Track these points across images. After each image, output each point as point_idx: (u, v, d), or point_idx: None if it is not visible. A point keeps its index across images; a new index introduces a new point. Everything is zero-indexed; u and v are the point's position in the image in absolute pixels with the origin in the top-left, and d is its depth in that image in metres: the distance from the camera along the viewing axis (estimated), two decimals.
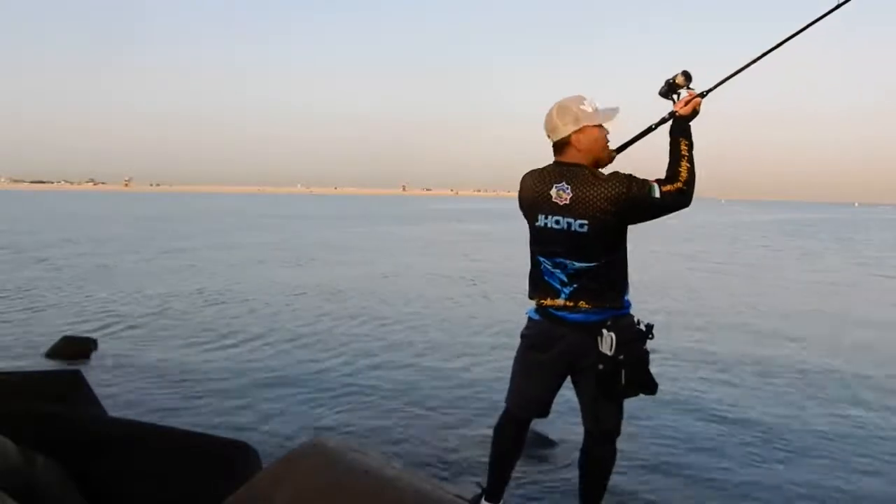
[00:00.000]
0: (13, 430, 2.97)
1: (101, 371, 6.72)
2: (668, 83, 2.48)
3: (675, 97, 2.49)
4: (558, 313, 2.43)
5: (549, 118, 2.41)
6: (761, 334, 9.33)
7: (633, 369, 2.33)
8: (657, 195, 2.30)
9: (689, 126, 2.42)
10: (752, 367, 7.41)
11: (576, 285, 2.38)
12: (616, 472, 2.67)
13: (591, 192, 2.29)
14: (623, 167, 2.44)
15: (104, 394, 5.33)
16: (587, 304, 2.37)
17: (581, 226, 2.30)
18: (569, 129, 2.36)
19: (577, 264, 2.36)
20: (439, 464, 4.58)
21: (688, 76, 2.46)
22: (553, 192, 2.34)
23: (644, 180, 2.32)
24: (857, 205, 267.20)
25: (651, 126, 2.52)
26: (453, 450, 4.86)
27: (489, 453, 2.71)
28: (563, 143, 2.38)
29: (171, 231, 30.99)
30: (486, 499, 2.68)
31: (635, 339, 2.35)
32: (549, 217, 2.35)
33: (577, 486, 2.71)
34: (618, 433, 2.57)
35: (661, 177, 2.36)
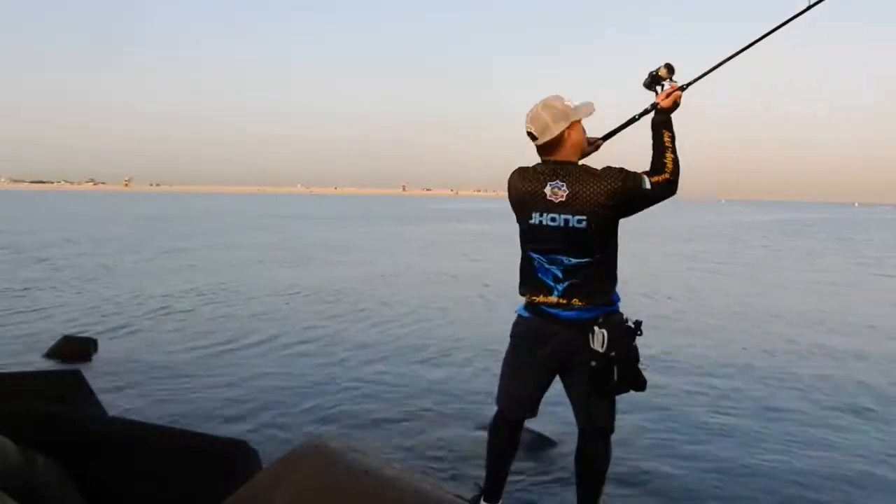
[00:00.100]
0: (13, 430, 2.97)
1: (101, 371, 6.72)
2: (651, 75, 2.53)
3: (659, 88, 2.54)
4: (551, 310, 2.45)
5: (537, 119, 2.41)
6: (759, 334, 9.35)
7: (624, 366, 2.37)
8: (648, 186, 2.36)
9: (671, 118, 2.48)
10: (750, 367, 7.41)
11: (569, 282, 2.41)
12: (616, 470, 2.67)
13: (588, 188, 2.33)
14: (601, 157, 2.52)
15: (104, 394, 5.33)
16: (580, 301, 2.41)
17: (580, 221, 2.34)
18: (560, 126, 2.39)
19: (573, 260, 2.39)
20: (439, 464, 4.58)
21: (670, 68, 2.51)
22: (548, 189, 2.37)
23: (635, 173, 2.38)
24: (857, 205, 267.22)
25: (634, 116, 2.58)
26: (453, 450, 4.85)
27: (485, 454, 2.73)
28: (555, 141, 2.40)
29: (172, 231, 30.99)
30: (484, 499, 2.70)
31: (626, 335, 2.39)
32: (545, 214, 2.38)
33: (575, 485, 2.71)
34: (612, 430, 2.59)
35: (646, 168, 2.42)
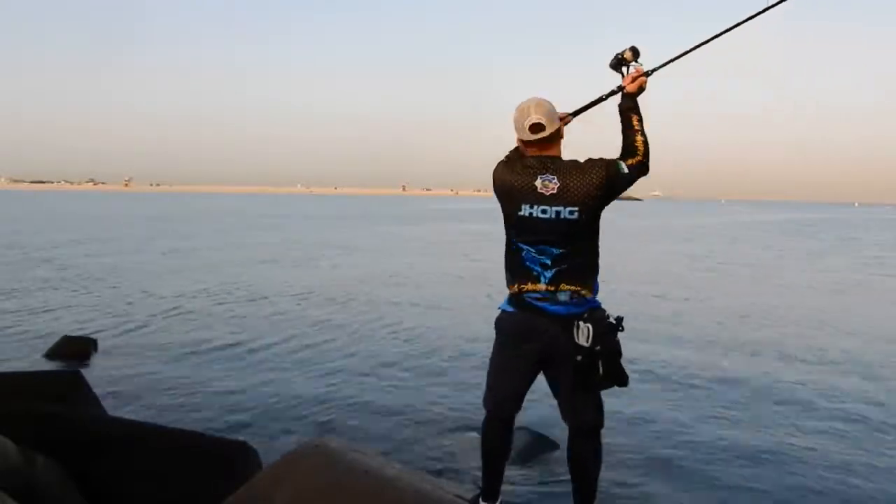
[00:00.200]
0: (13, 430, 2.97)
1: (101, 371, 6.73)
2: (617, 57, 2.60)
3: (624, 70, 2.60)
4: (538, 304, 2.48)
5: (546, 112, 2.47)
6: (757, 334, 9.35)
7: (608, 360, 2.41)
8: (626, 171, 2.47)
9: (637, 101, 2.57)
10: (745, 367, 7.41)
11: (557, 268, 2.46)
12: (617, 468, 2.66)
13: (577, 180, 2.42)
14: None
15: (104, 394, 5.33)
16: (568, 285, 2.45)
17: (571, 213, 2.42)
18: (555, 124, 2.50)
19: (562, 249, 2.46)
20: (439, 464, 4.58)
21: (635, 52, 2.58)
22: (538, 183, 2.44)
23: (613, 159, 2.48)
24: (857, 205, 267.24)
25: (602, 96, 2.64)
26: (453, 450, 4.86)
27: (480, 455, 2.73)
28: (551, 137, 2.49)
29: (172, 231, 31.01)
30: (483, 498, 2.70)
31: (609, 331, 2.42)
32: (535, 207, 2.44)
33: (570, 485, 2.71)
34: (601, 426, 2.60)
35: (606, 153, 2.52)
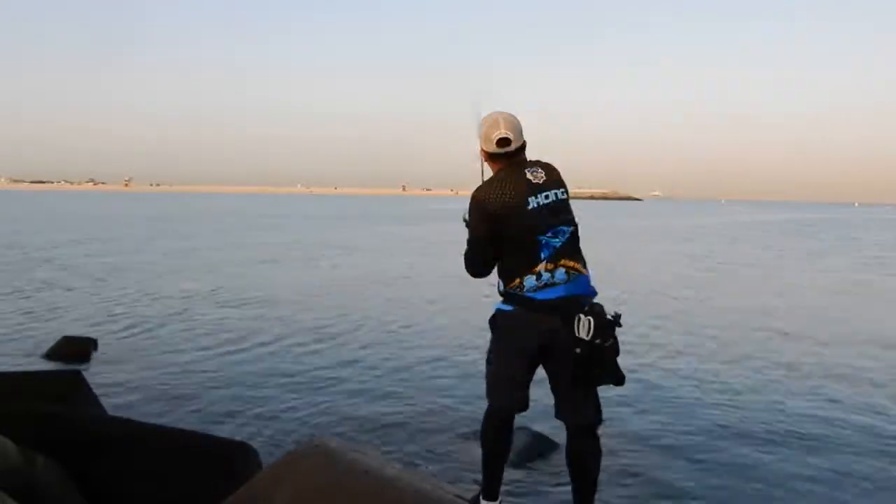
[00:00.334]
0: (13, 430, 2.97)
1: (101, 371, 6.73)
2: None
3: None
4: (536, 295, 2.52)
5: (514, 127, 2.63)
6: (757, 334, 9.36)
7: (608, 354, 2.43)
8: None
9: None
10: (745, 367, 7.42)
11: (560, 246, 2.58)
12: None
13: (554, 174, 2.67)
14: None
15: (104, 394, 5.33)
16: (568, 260, 2.56)
17: (563, 193, 2.65)
18: (520, 140, 2.66)
19: (571, 227, 2.64)
20: (439, 464, 4.58)
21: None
22: (529, 176, 2.62)
23: None
24: (857, 205, 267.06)
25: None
26: (453, 450, 4.86)
27: (480, 454, 2.73)
28: (521, 147, 2.67)
29: (172, 231, 31.01)
30: (483, 498, 2.70)
31: (608, 326, 2.44)
32: (539, 195, 2.59)
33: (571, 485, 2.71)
34: (599, 423, 2.61)
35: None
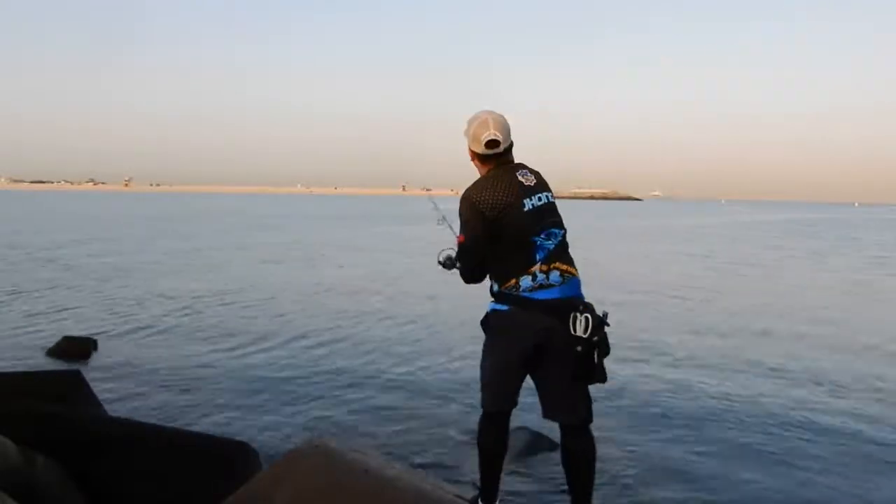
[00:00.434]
0: (13, 430, 2.97)
1: (101, 371, 6.72)
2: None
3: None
4: (531, 295, 2.51)
5: (503, 128, 2.65)
6: (756, 333, 9.36)
7: (603, 351, 2.48)
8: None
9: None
10: (744, 367, 7.42)
11: (553, 249, 2.59)
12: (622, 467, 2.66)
13: (540, 177, 2.71)
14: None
15: (104, 394, 5.34)
16: (561, 264, 2.57)
17: (551, 196, 2.70)
18: (508, 140, 2.68)
19: (562, 230, 2.67)
20: (439, 464, 4.58)
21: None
22: (521, 178, 2.65)
23: None
24: (857, 205, 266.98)
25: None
26: (453, 450, 4.85)
27: (478, 456, 2.73)
28: (509, 148, 2.70)
29: (172, 231, 31.00)
30: (482, 498, 2.70)
31: (600, 324, 2.48)
32: (533, 196, 2.62)
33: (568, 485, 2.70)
34: (591, 421, 2.62)
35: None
